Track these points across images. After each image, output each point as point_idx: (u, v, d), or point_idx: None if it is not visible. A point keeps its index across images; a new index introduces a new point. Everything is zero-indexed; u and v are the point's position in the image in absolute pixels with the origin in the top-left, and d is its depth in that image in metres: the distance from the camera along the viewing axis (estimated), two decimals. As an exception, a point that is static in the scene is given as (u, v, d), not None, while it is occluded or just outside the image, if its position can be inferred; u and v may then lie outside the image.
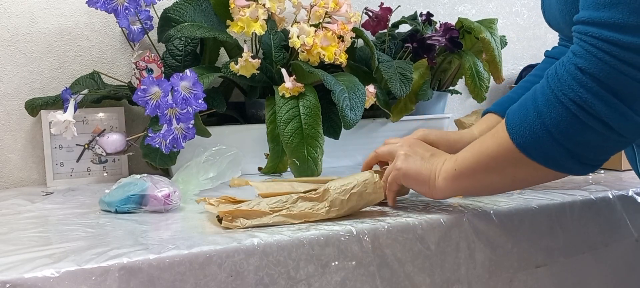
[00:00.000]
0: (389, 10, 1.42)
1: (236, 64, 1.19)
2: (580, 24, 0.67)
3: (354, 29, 1.29)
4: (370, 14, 1.44)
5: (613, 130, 0.65)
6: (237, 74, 1.19)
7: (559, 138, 0.66)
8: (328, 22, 1.26)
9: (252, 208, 0.76)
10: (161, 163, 1.13)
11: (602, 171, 1.15)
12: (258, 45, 1.28)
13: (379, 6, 1.43)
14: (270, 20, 1.27)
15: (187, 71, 1.04)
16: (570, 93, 0.65)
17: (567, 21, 0.76)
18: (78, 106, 1.17)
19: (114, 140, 1.19)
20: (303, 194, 0.79)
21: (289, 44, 1.21)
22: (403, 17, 1.51)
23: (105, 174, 1.27)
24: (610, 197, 0.91)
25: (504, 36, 1.48)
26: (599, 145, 0.67)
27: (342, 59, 1.22)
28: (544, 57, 1.05)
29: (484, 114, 1.04)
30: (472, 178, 0.76)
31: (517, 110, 0.71)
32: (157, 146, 1.06)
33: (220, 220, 0.75)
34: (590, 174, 1.12)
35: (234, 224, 0.74)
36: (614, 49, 0.62)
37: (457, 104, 1.67)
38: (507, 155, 0.71)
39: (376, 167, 0.92)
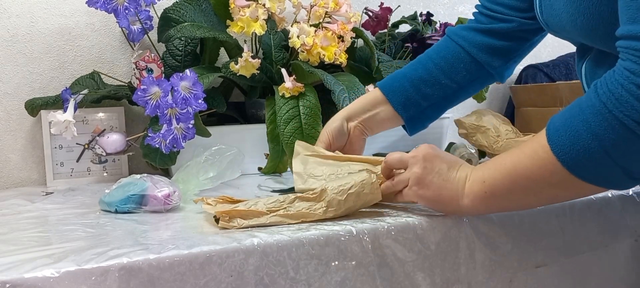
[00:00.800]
0: (389, 10, 1.42)
1: (236, 64, 1.19)
2: (632, 39, 0.63)
3: (354, 29, 1.29)
4: (370, 14, 1.44)
5: None
6: (237, 74, 1.19)
7: (617, 158, 0.64)
8: (328, 22, 1.26)
9: (250, 209, 0.76)
10: (161, 163, 1.13)
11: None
12: (258, 45, 1.28)
13: (379, 6, 1.43)
14: (270, 20, 1.27)
15: (187, 71, 1.04)
16: (634, 114, 0.61)
17: (577, 25, 0.74)
18: (78, 106, 1.17)
19: (114, 140, 1.19)
20: (301, 194, 0.79)
21: (289, 44, 1.21)
22: (403, 17, 1.51)
23: (105, 174, 1.27)
24: (610, 196, 0.91)
25: (504, 36, 1.48)
26: None
27: (342, 59, 1.22)
28: (446, 35, 1.04)
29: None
30: (506, 199, 0.73)
31: (562, 131, 0.66)
32: (157, 146, 1.06)
33: (217, 220, 0.75)
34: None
35: (231, 224, 0.74)
36: None
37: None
38: (552, 177, 0.68)
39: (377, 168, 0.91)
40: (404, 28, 1.51)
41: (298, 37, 1.20)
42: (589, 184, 0.67)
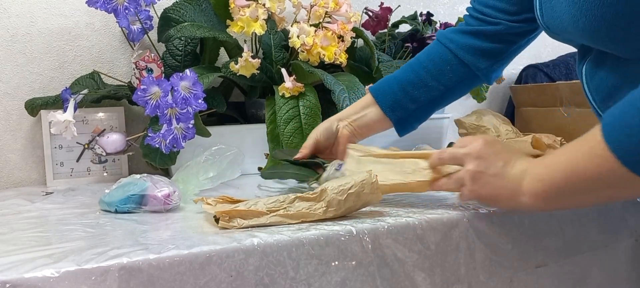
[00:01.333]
0: (389, 10, 1.42)
1: (236, 63, 1.19)
2: None
3: (354, 29, 1.29)
4: (370, 13, 1.44)
5: None
6: (237, 74, 1.19)
7: None
8: (328, 22, 1.26)
9: (250, 208, 0.76)
10: (161, 163, 1.13)
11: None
12: (258, 45, 1.28)
13: (379, 6, 1.43)
14: (270, 20, 1.27)
15: (187, 71, 1.04)
16: None
17: (579, 26, 0.74)
18: (78, 106, 1.17)
19: (114, 140, 1.19)
20: (301, 194, 0.79)
21: (289, 43, 1.21)
22: (403, 17, 1.51)
23: (105, 174, 1.27)
24: (610, 197, 0.91)
25: (504, 36, 1.48)
26: None
27: (342, 59, 1.22)
28: (436, 39, 1.05)
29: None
30: (565, 198, 0.71)
31: (619, 128, 0.64)
32: (157, 146, 1.06)
33: (217, 220, 0.75)
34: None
35: (231, 224, 0.74)
36: None
37: (457, 104, 1.65)
38: (611, 177, 0.65)
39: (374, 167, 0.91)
40: (404, 28, 1.51)
41: (298, 37, 1.20)
42: None
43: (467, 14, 1.04)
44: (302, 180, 1.00)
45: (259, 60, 1.20)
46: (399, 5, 1.49)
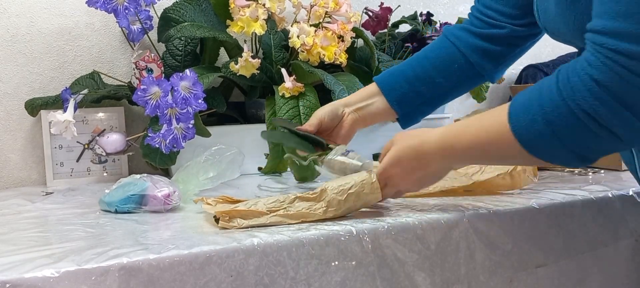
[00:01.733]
0: (389, 10, 1.42)
1: (236, 63, 1.19)
2: (595, 33, 0.65)
3: (354, 29, 1.29)
4: (370, 13, 1.44)
5: (622, 141, 0.66)
6: (237, 74, 1.19)
7: (567, 143, 0.67)
8: (328, 22, 1.26)
9: (250, 209, 0.76)
10: (161, 163, 1.13)
11: (602, 171, 1.15)
12: (258, 45, 1.28)
13: (379, 6, 1.43)
14: (270, 20, 1.27)
15: (187, 71, 1.04)
16: (584, 104, 0.64)
17: (570, 27, 0.75)
18: (78, 106, 1.17)
19: (114, 140, 1.19)
20: (300, 194, 0.79)
21: (289, 43, 1.21)
22: (403, 17, 1.51)
23: (105, 174, 1.27)
24: (610, 196, 0.91)
25: (504, 36, 1.48)
26: (605, 149, 0.69)
27: (342, 59, 1.22)
28: (443, 34, 1.06)
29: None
30: (466, 161, 0.81)
31: (521, 109, 0.70)
32: (157, 146, 1.06)
33: (217, 220, 0.75)
34: (590, 174, 1.13)
35: (231, 224, 0.74)
36: (632, 62, 0.61)
37: (457, 104, 1.66)
38: (511, 149, 0.71)
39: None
40: (404, 28, 1.50)
41: (298, 37, 1.20)
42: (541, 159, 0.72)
43: (471, 13, 1.04)
44: (301, 151, 0.99)
45: (259, 60, 1.20)
46: (399, 5, 1.49)
